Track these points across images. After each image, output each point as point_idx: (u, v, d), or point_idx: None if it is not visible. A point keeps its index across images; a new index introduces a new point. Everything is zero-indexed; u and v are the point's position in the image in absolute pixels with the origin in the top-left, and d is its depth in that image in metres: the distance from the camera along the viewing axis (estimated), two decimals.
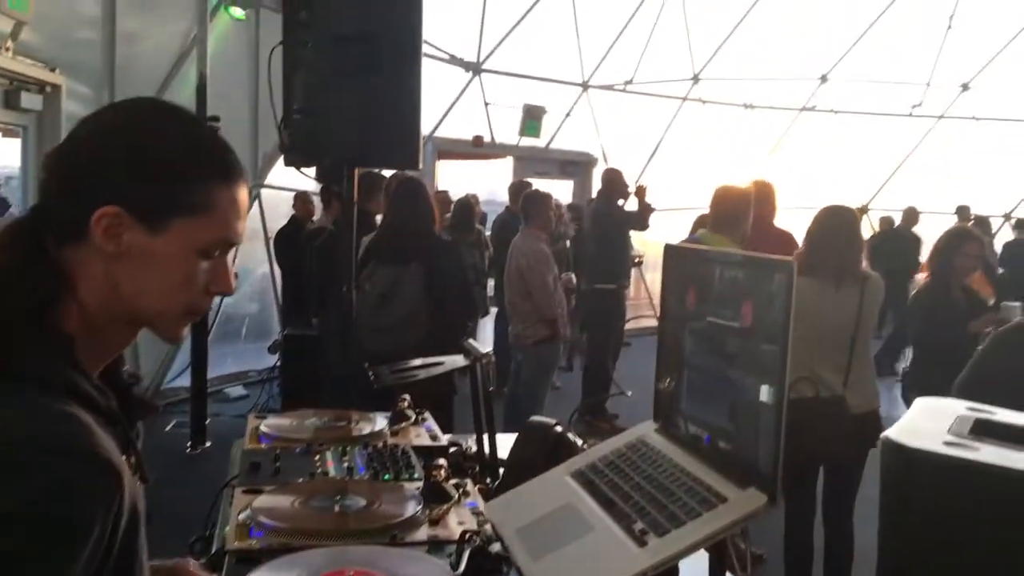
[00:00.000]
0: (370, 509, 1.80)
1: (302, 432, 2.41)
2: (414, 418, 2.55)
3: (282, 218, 8.01)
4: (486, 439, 2.22)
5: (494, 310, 8.59)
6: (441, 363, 2.40)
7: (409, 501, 1.83)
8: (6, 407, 1.01)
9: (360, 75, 3.07)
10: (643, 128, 13.11)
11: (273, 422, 2.48)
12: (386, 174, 5.62)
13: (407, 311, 4.48)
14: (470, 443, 2.37)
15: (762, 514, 1.27)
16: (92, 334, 1.13)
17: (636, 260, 9.42)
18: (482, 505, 1.85)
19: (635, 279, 11.79)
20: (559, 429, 2.02)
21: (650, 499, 1.41)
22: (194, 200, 1.13)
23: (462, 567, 1.55)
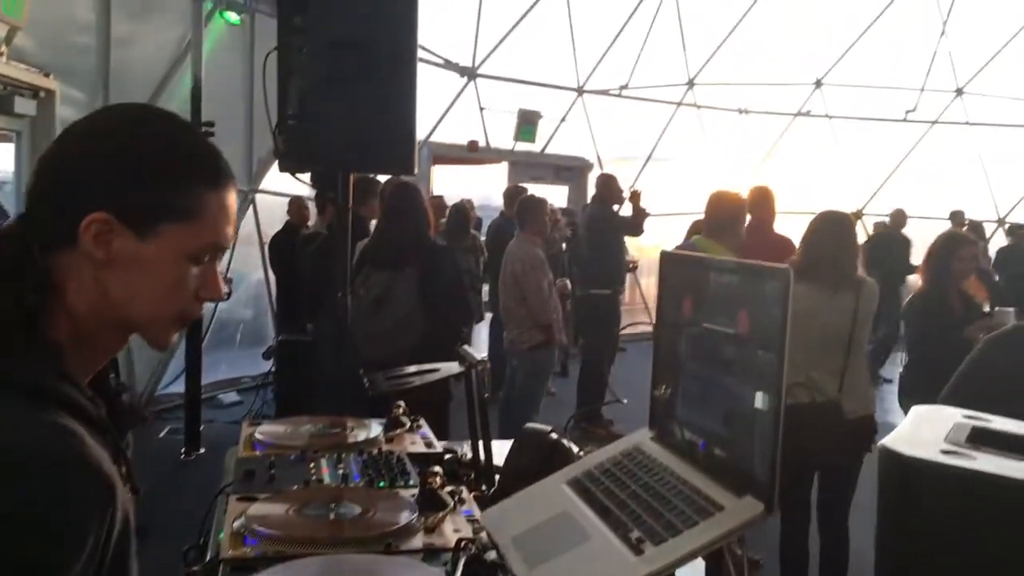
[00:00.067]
0: (365, 517, 1.79)
1: (296, 439, 2.40)
2: (409, 425, 2.54)
3: (277, 223, 7.98)
4: (481, 446, 2.21)
5: (489, 315, 8.58)
6: (436, 370, 2.39)
7: (404, 509, 1.82)
8: None
9: (355, 81, 3.07)
10: (638, 133, 13.13)
11: (267, 429, 2.47)
12: (381, 179, 5.61)
13: (402, 316, 4.47)
14: (465, 450, 2.37)
15: (759, 523, 1.27)
16: (82, 341, 1.12)
17: (631, 265, 9.42)
18: (478, 513, 1.84)
19: (630, 284, 11.80)
20: (554, 436, 2.01)
21: (646, 507, 1.41)
22: (184, 206, 1.13)
23: (458, 575, 1.54)
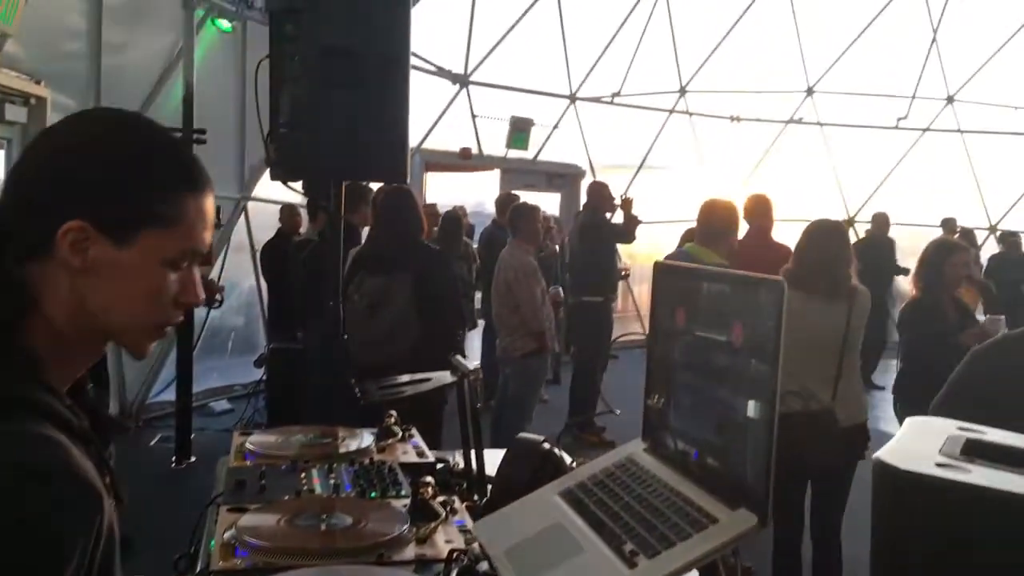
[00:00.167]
0: (356, 527, 1.79)
1: (288, 449, 2.39)
2: (401, 434, 2.53)
3: (268, 230, 7.97)
4: (474, 456, 2.20)
5: (481, 323, 8.57)
6: (429, 379, 2.39)
7: (396, 519, 1.81)
8: None
9: (347, 89, 3.06)
10: (630, 140, 13.15)
11: (258, 439, 2.46)
12: (373, 186, 5.60)
13: (397, 321, 4.45)
14: (457, 459, 2.36)
15: (753, 535, 1.26)
16: (60, 350, 1.11)
17: (623, 273, 9.42)
18: (470, 523, 1.83)
19: (623, 291, 11.81)
20: (547, 446, 2.01)
21: (640, 520, 1.40)
22: (161, 212, 1.12)
23: None
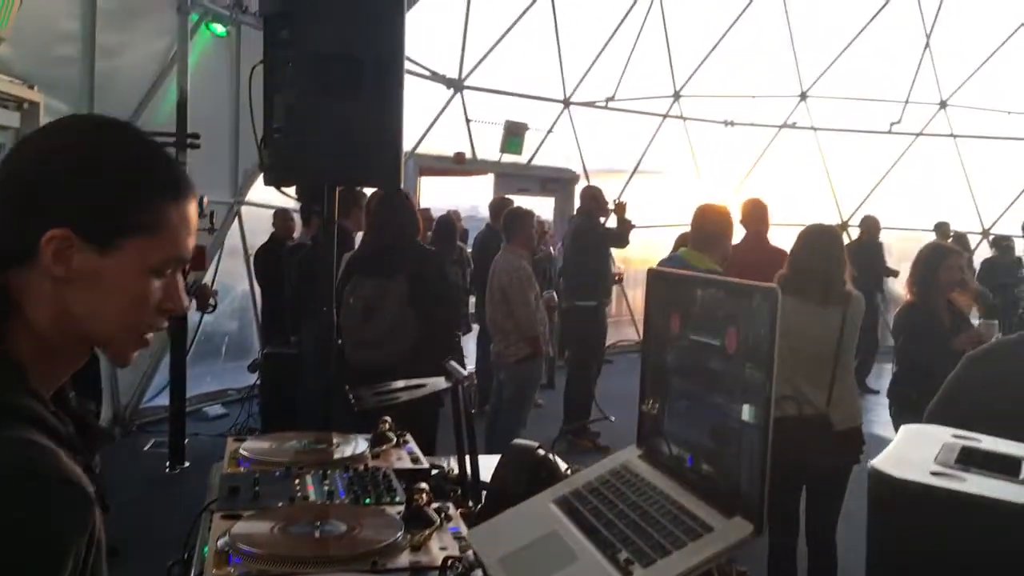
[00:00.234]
0: (350, 535, 1.78)
1: (282, 455, 2.38)
2: (395, 440, 2.52)
3: (262, 235, 7.96)
4: (468, 462, 2.20)
5: (476, 328, 8.56)
6: (423, 385, 2.39)
7: (390, 526, 1.81)
8: None
9: (341, 94, 3.06)
10: (624, 145, 13.16)
11: (252, 445, 2.46)
12: (366, 190, 5.59)
13: (393, 323, 4.43)
14: (452, 465, 2.35)
15: (748, 544, 1.26)
16: (43, 356, 1.10)
17: (616, 277, 9.42)
18: (464, 530, 1.83)
19: (617, 296, 11.81)
20: (542, 452, 2.00)
21: (635, 528, 1.40)
22: (145, 220, 1.11)
23: None
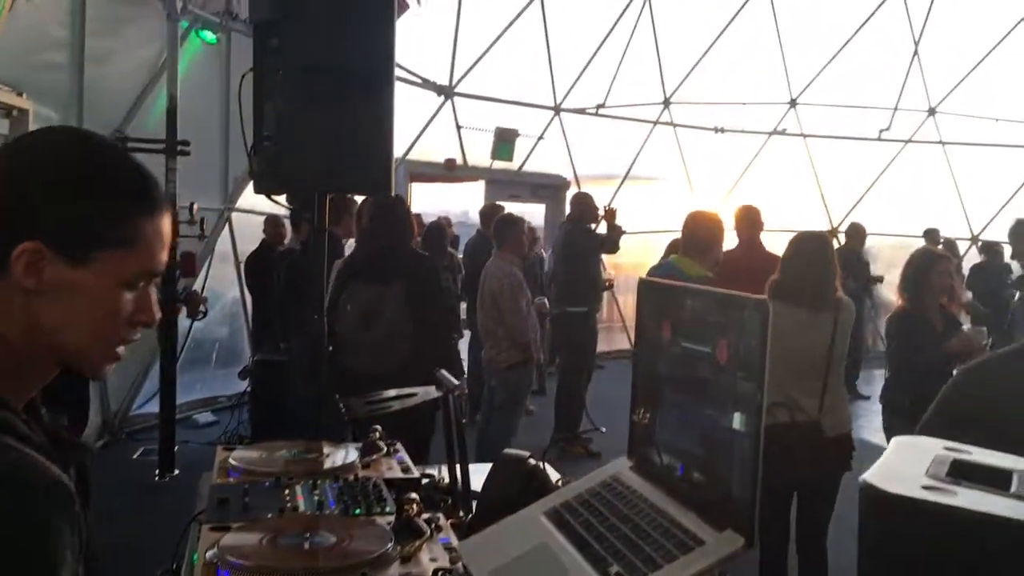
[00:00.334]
0: (340, 546, 1.77)
1: (271, 465, 2.37)
2: (386, 450, 2.51)
3: (253, 242, 7.94)
4: (459, 471, 2.20)
5: (467, 333, 8.54)
6: (414, 394, 2.38)
7: (380, 537, 1.79)
8: None
9: (332, 102, 3.05)
10: (615, 151, 13.18)
11: (242, 454, 2.44)
12: (357, 197, 5.57)
13: (391, 329, 4.43)
14: (443, 474, 2.35)
15: (740, 557, 1.26)
16: (13, 368, 1.10)
17: (607, 284, 9.43)
18: (455, 540, 1.82)
19: (608, 302, 11.82)
20: (533, 462, 2.00)
21: (625, 541, 1.40)
22: (118, 233, 1.11)
23: None
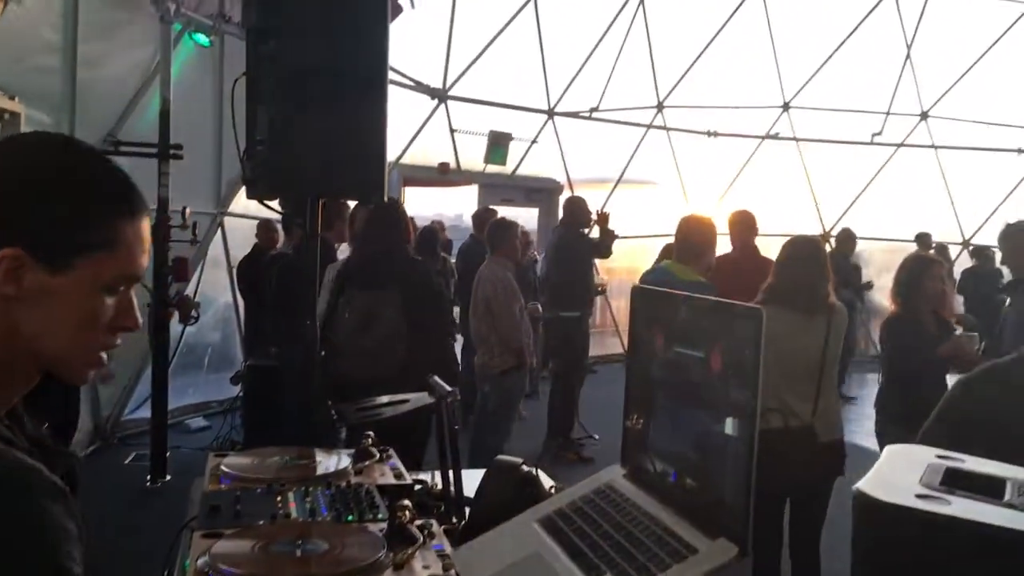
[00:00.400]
0: (332, 553, 1.76)
1: (264, 471, 2.36)
2: (378, 456, 2.50)
3: (245, 246, 7.93)
4: (452, 477, 2.19)
5: (460, 339, 8.53)
6: (407, 400, 2.37)
7: (373, 544, 1.79)
8: None
9: (325, 107, 3.04)
10: (608, 155, 13.20)
11: (233, 461, 2.43)
12: (350, 203, 5.56)
13: (389, 334, 4.43)
14: (435, 480, 2.34)
15: (733, 566, 1.26)
16: None
17: (600, 288, 9.43)
18: (448, 547, 1.81)
19: (601, 306, 11.83)
20: (526, 468, 1.99)
21: (619, 549, 1.39)
22: (98, 238, 1.11)
23: None
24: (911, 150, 14.49)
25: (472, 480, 2.12)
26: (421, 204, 12.02)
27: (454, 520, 2.12)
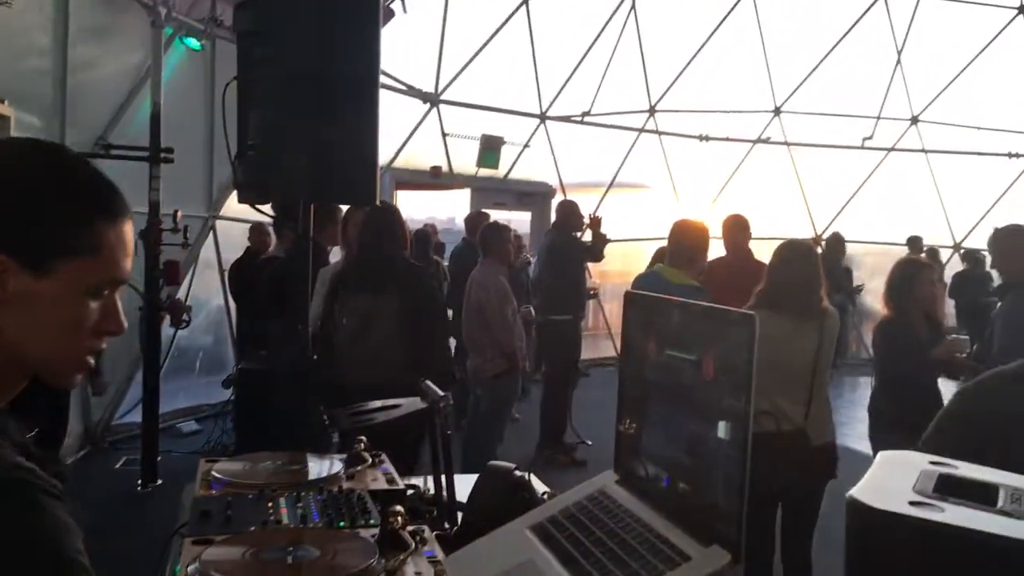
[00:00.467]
0: (324, 560, 1.75)
1: (255, 477, 2.34)
2: (371, 460, 2.49)
3: (237, 249, 7.91)
4: (444, 483, 2.18)
5: (453, 341, 8.51)
6: (399, 405, 2.36)
7: (364, 551, 1.77)
8: None
9: (316, 111, 3.03)
10: (600, 159, 13.21)
11: (224, 467, 2.41)
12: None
13: (387, 339, 4.41)
14: (428, 484, 2.33)
15: (726, 573, 1.25)
16: None
17: (592, 292, 9.43)
18: (440, 554, 1.80)
19: (594, 309, 11.84)
20: (518, 474, 1.99)
21: (611, 556, 1.39)
22: (81, 242, 1.11)
23: None
24: (902, 154, 14.55)
25: (465, 485, 2.11)
26: (413, 207, 12.04)
27: (447, 526, 2.11)
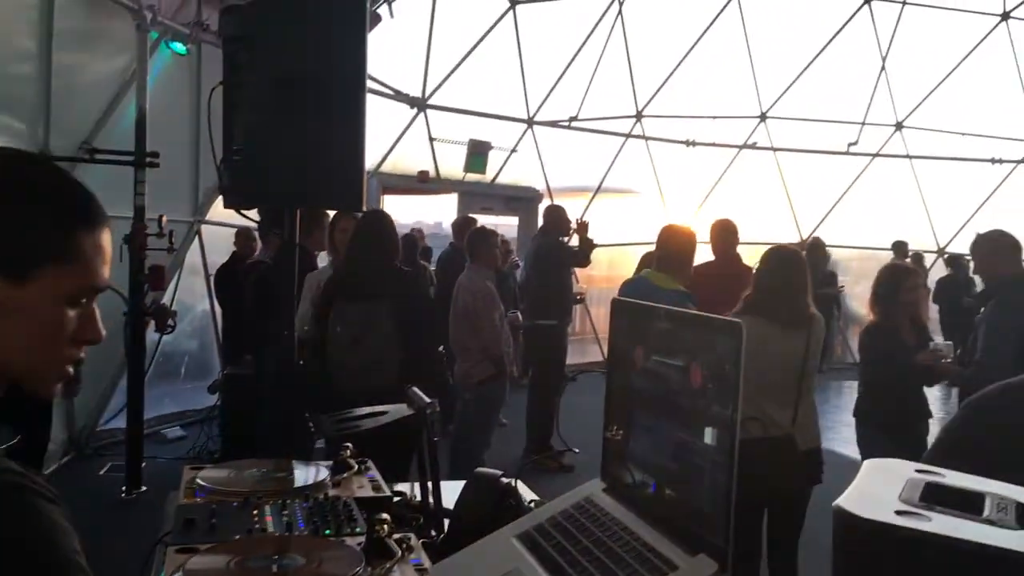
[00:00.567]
0: (309, 568, 1.74)
1: (240, 484, 2.33)
2: (357, 468, 2.48)
3: (223, 254, 7.88)
4: (431, 490, 2.17)
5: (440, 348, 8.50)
6: (385, 412, 2.35)
7: (350, 559, 1.77)
8: None
9: (302, 116, 3.02)
10: (587, 164, 13.24)
11: (209, 474, 2.40)
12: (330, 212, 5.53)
13: (383, 345, 4.40)
14: (415, 491, 2.32)
15: None
16: None
17: (578, 297, 9.44)
18: (426, 561, 1.79)
19: (581, 314, 11.85)
20: (505, 481, 1.98)
21: (598, 565, 1.38)
22: (57, 249, 1.11)
23: None
24: (886, 160, 14.64)
25: (452, 492, 2.10)
26: (401, 212, 12.03)
27: (433, 533, 2.10)
